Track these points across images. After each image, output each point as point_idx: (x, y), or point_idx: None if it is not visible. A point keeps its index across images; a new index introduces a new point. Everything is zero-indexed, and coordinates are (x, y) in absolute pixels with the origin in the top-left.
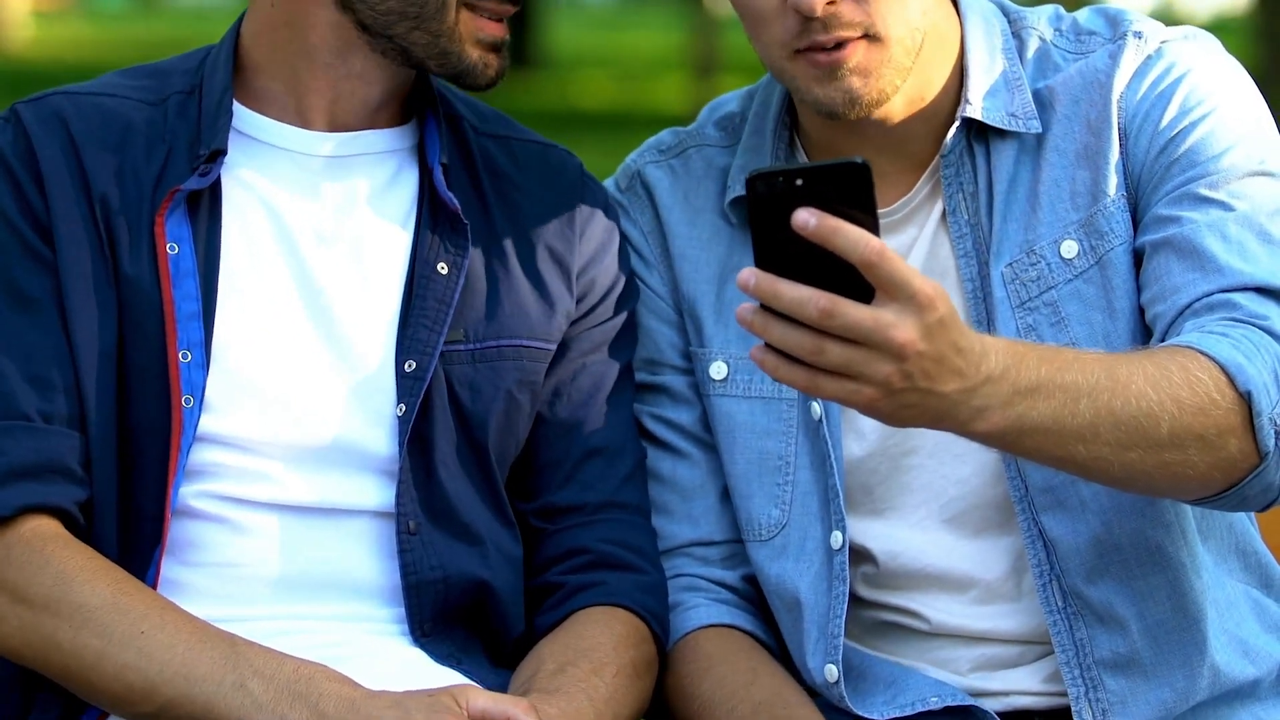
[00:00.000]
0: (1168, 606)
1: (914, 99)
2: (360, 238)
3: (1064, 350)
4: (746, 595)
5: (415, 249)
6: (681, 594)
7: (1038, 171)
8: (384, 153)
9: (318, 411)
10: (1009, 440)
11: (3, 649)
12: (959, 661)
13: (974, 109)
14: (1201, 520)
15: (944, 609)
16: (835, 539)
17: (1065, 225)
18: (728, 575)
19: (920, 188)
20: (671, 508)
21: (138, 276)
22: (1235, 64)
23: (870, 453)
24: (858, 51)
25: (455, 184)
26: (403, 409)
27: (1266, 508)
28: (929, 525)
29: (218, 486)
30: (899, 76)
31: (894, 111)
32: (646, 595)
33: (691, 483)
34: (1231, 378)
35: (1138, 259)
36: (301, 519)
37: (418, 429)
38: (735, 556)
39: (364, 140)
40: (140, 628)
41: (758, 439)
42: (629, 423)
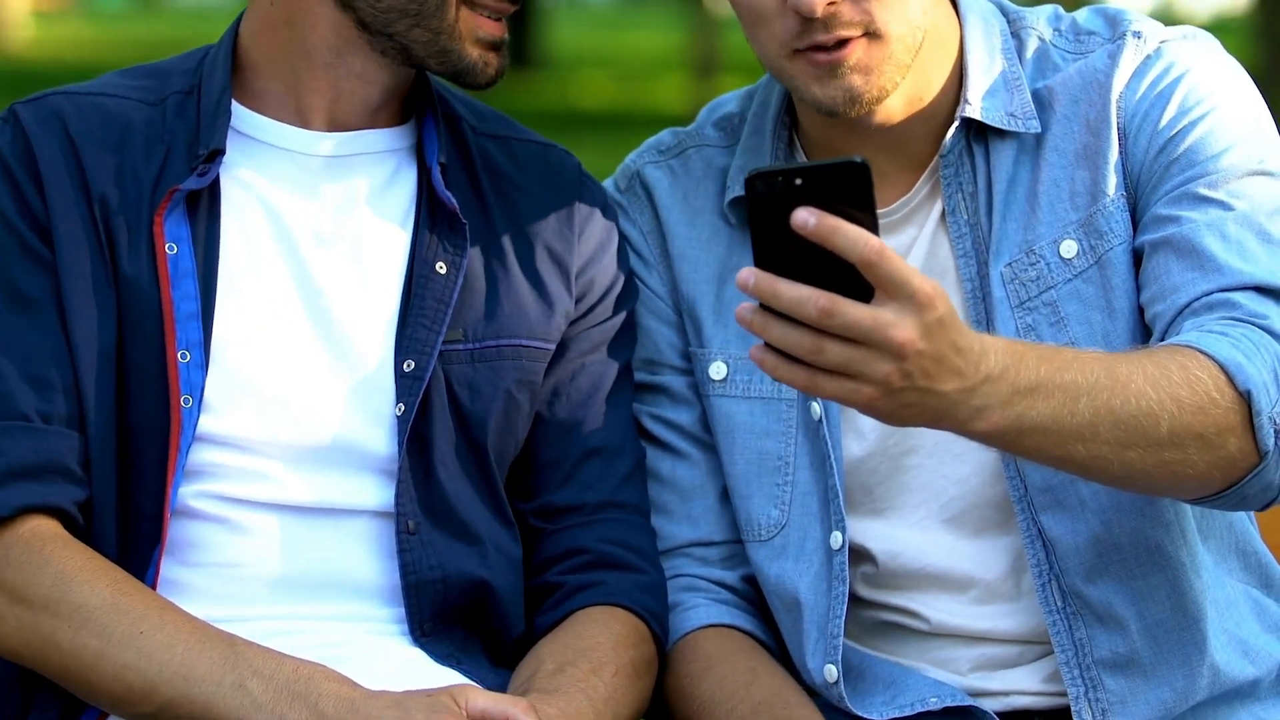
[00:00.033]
0: (1167, 606)
1: (913, 99)
2: (359, 237)
3: (1063, 350)
4: (746, 595)
5: (414, 248)
6: (681, 594)
7: (1037, 171)
8: (383, 152)
9: (317, 411)
10: (1008, 440)
11: (2, 649)
12: (959, 661)
13: (973, 109)
14: (1201, 520)
15: (944, 609)
16: (835, 539)
17: (1064, 225)
18: (727, 575)
19: (919, 188)
20: (671, 508)
21: (137, 276)
22: (1234, 64)
23: (870, 453)
24: (858, 49)
25: (454, 184)
26: (402, 409)
27: (1266, 507)
28: (929, 525)
29: (217, 486)
30: (899, 74)
31: (893, 111)
32: (646, 595)
33: (691, 483)
34: (1231, 377)
35: (1137, 258)
36: (301, 519)
37: (417, 429)
38: (735, 557)
39: (363, 140)
40: (139, 628)
41: (757, 439)
42: (628, 423)
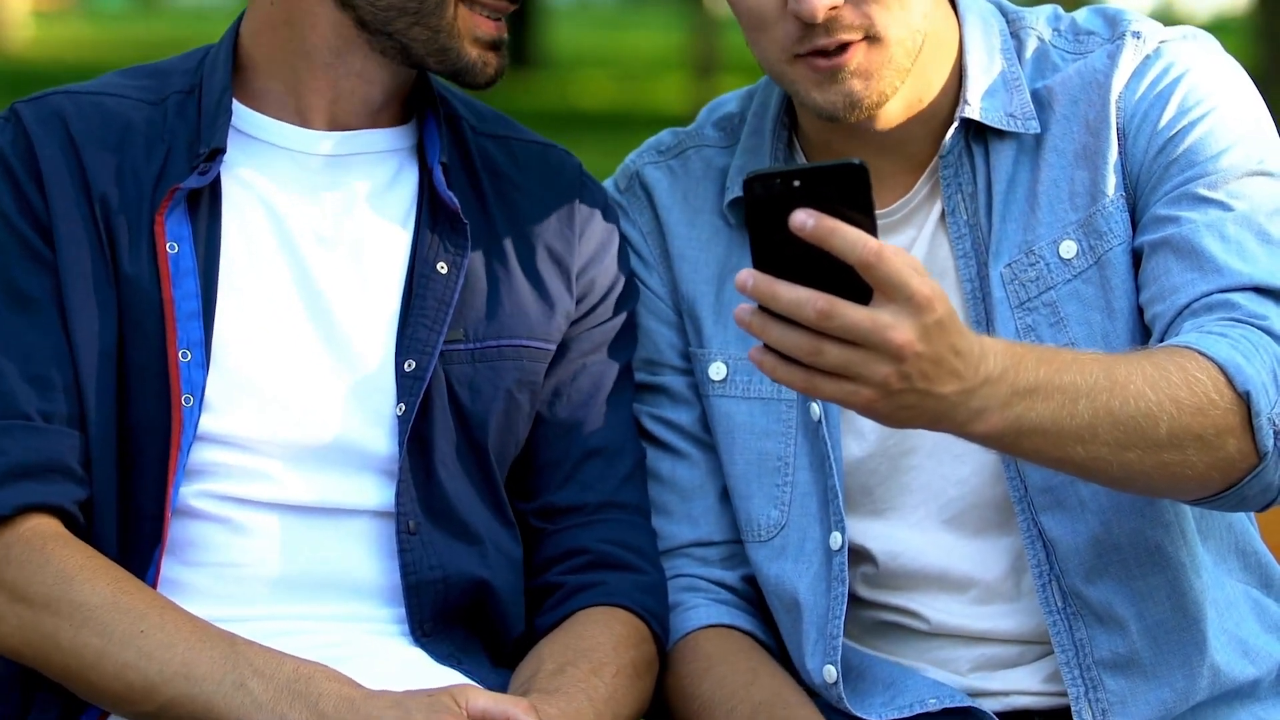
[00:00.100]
0: (1167, 606)
1: (912, 100)
2: (360, 237)
3: (1062, 351)
4: (746, 595)
5: (415, 248)
6: (681, 594)
7: (1036, 172)
8: (384, 152)
9: (317, 411)
10: (1007, 441)
11: (3, 648)
12: (959, 661)
13: (973, 109)
14: (1201, 520)
15: (943, 609)
16: (834, 540)
17: (1064, 225)
18: (727, 575)
19: (919, 188)
20: (671, 508)
21: (137, 276)
22: (1234, 64)
23: (870, 453)
24: (858, 54)
25: (455, 184)
26: (402, 408)
27: (1266, 508)
28: (928, 525)
29: (217, 486)
30: (898, 78)
31: (892, 113)
32: (646, 595)
33: (691, 483)
34: (1230, 378)
35: (1136, 259)
36: (301, 519)
37: (417, 429)
38: (735, 557)
39: (364, 139)
40: (140, 627)
41: (757, 440)
42: (628, 423)
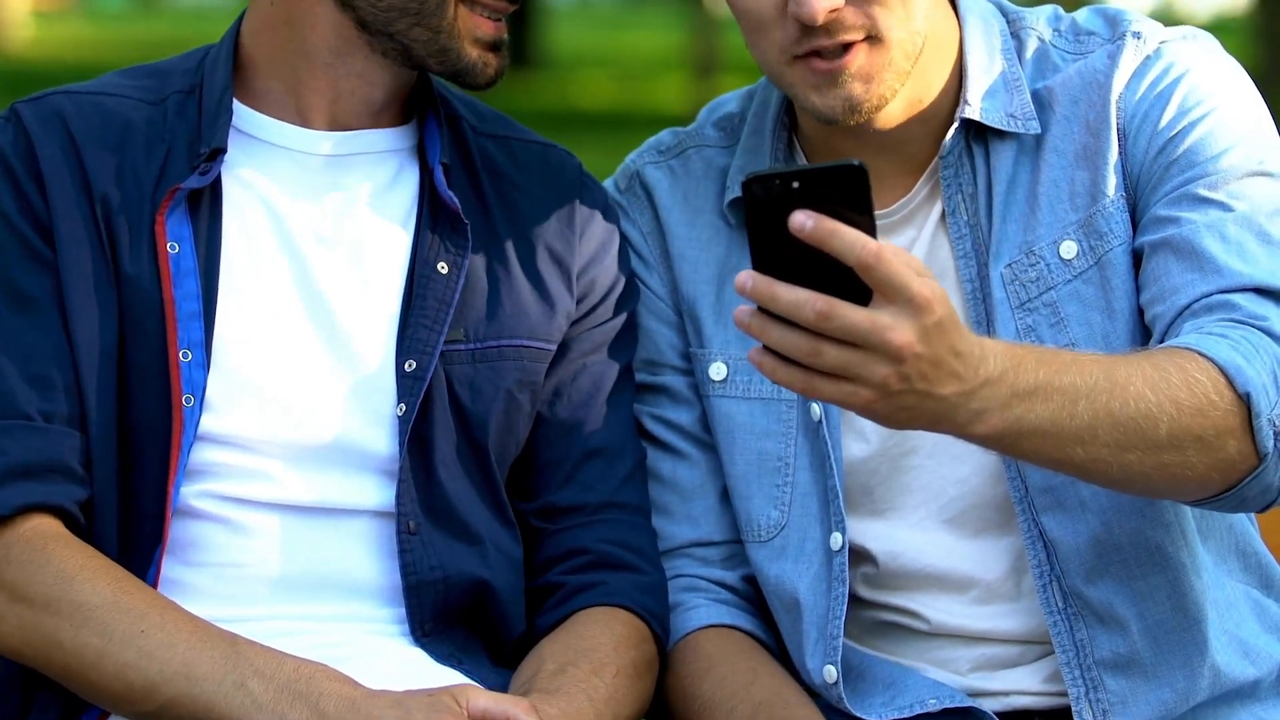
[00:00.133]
0: (1168, 607)
1: (913, 101)
2: (360, 238)
3: (1062, 352)
4: (747, 595)
5: (415, 249)
6: (682, 594)
7: (1037, 172)
8: (384, 152)
9: (318, 411)
10: (1007, 443)
11: (3, 648)
12: (959, 661)
13: (973, 110)
14: (1201, 520)
15: (944, 609)
16: (835, 540)
17: (1064, 226)
18: (728, 575)
19: (919, 189)
20: (671, 508)
21: (138, 276)
22: (1234, 64)
23: (870, 454)
24: (859, 56)
25: (455, 184)
26: (403, 409)
27: (1266, 509)
28: (929, 526)
29: (218, 486)
30: (898, 81)
31: (893, 114)
32: (646, 595)
33: (691, 483)
34: (1230, 379)
35: (1137, 259)
36: (302, 519)
37: (418, 429)
38: (735, 557)
39: (364, 140)
40: (140, 627)
41: (757, 440)
42: (629, 423)
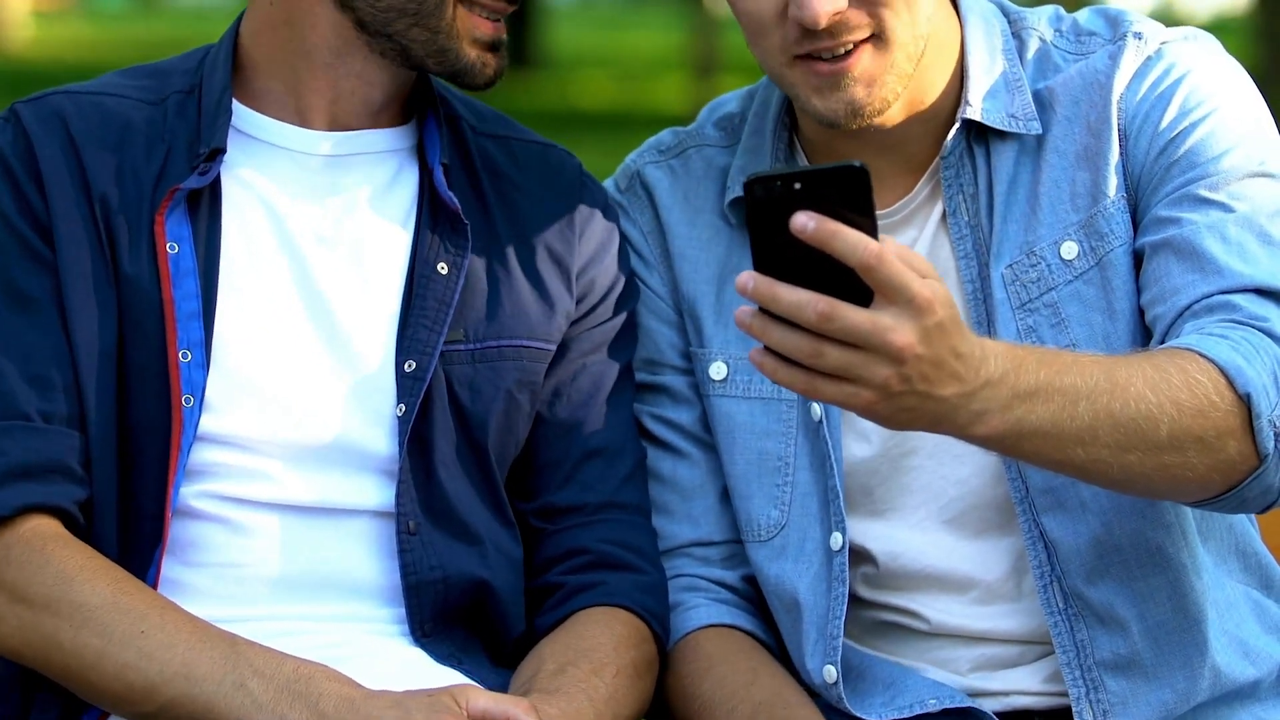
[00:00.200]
0: (1168, 607)
1: (914, 102)
2: (360, 238)
3: (1063, 353)
4: (747, 595)
5: (415, 249)
6: (682, 594)
7: (1038, 173)
8: (384, 152)
9: (318, 411)
10: (1008, 444)
11: (3, 649)
12: (959, 661)
13: (974, 110)
14: (1201, 521)
15: (944, 609)
16: (835, 540)
17: (1065, 226)
18: (728, 575)
19: (920, 189)
20: (671, 508)
21: (138, 276)
22: (1235, 65)
23: (871, 454)
24: (863, 58)
25: (455, 184)
26: (402, 409)
27: (1266, 509)
28: (929, 526)
29: (218, 486)
30: (900, 84)
31: (894, 115)
32: (646, 595)
33: (691, 483)
34: (1231, 380)
35: (1138, 260)
36: (301, 519)
37: (417, 429)
38: (735, 556)
39: (364, 140)
40: (140, 627)
41: (757, 439)
42: (629, 423)
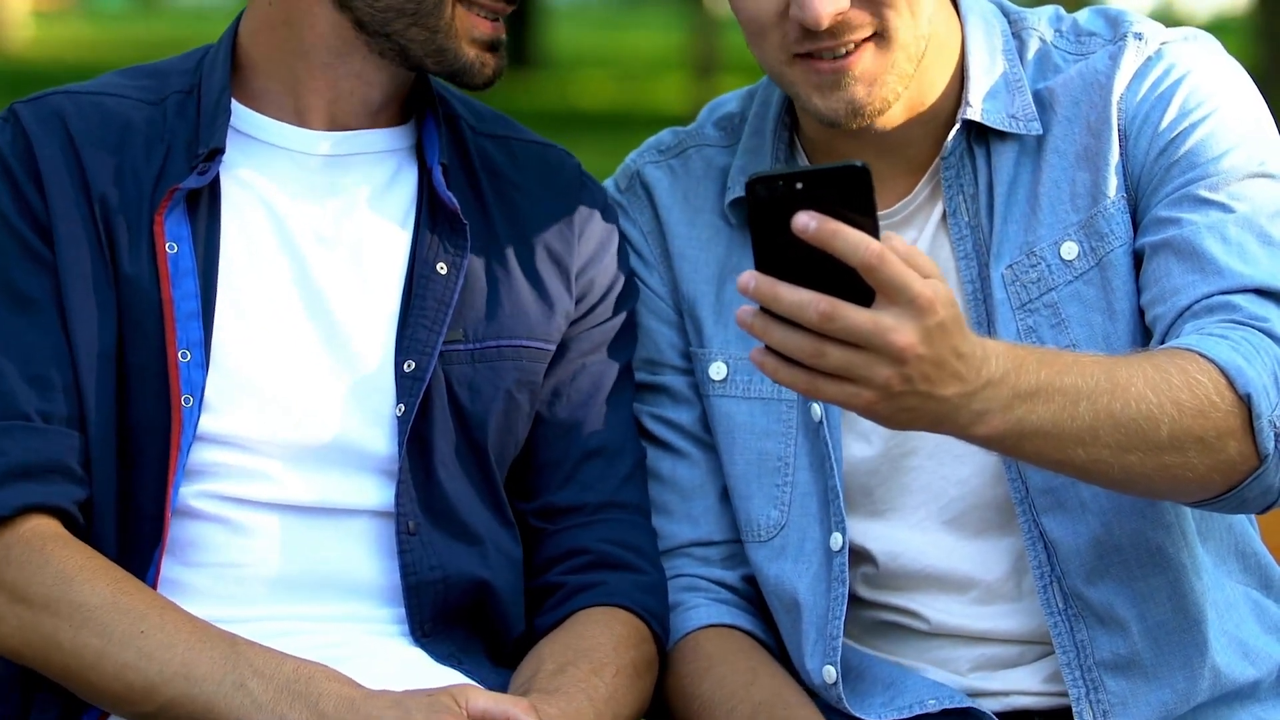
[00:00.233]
0: (1168, 608)
1: (914, 103)
2: (359, 238)
3: (1063, 353)
4: (746, 595)
5: (414, 249)
6: (681, 594)
7: (1038, 173)
8: (383, 152)
9: (317, 411)
10: (1009, 444)
11: (3, 649)
12: (959, 661)
13: (974, 111)
14: (1201, 521)
15: (944, 609)
16: (835, 540)
17: (1065, 227)
18: (728, 575)
19: (920, 189)
20: (671, 508)
21: (137, 276)
22: (1235, 65)
23: (871, 454)
24: (865, 57)
25: (454, 184)
26: (402, 409)
27: (1266, 510)
28: (929, 526)
29: (217, 486)
30: (901, 84)
31: (894, 115)
32: (646, 595)
33: (691, 483)
34: (1231, 380)
35: (1138, 260)
36: (301, 519)
37: (417, 429)
38: (735, 556)
39: (363, 140)
40: (140, 627)
41: (757, 440)
42: (628, 423)
